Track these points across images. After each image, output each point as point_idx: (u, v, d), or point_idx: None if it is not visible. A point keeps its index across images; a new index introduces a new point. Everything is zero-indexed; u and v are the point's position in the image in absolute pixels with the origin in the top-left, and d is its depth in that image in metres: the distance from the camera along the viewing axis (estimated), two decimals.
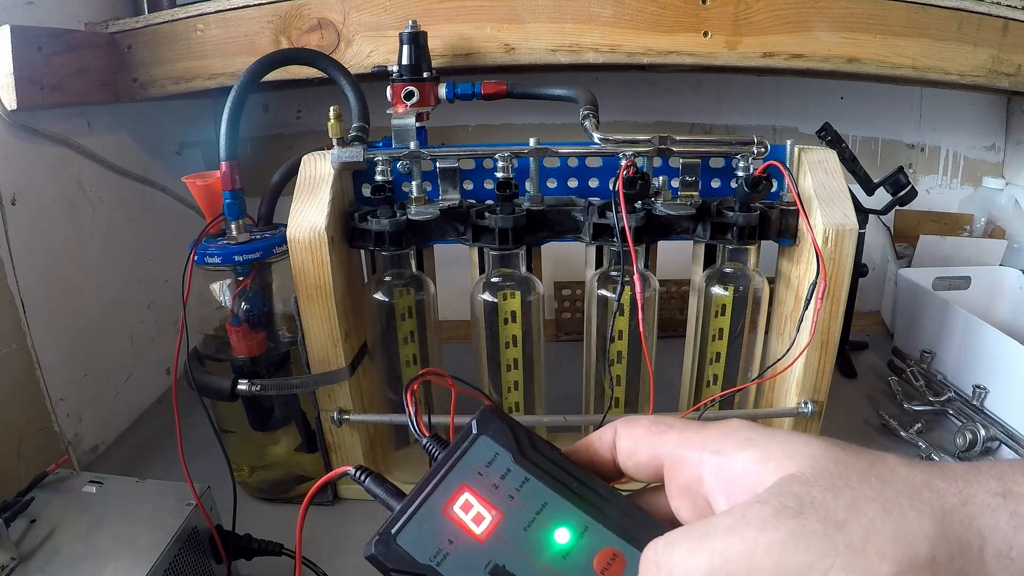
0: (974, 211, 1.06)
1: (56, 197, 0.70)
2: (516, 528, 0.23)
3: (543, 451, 0.25)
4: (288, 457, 0.67)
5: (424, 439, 0.27)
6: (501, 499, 0.24)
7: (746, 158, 0.56)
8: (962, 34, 0.72)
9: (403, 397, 0.28)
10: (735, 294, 0.61)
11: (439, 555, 0.23)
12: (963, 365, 0.77)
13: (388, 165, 0.57)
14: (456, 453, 0.25)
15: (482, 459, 0.25)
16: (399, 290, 0.62)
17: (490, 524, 0.23)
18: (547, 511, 0.24)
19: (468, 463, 0.25)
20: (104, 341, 0.77)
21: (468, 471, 0.24)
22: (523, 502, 0.24)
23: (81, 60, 0.70)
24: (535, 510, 0.24)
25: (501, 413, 0.26)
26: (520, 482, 0.24)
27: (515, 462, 0.25)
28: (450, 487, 0.24)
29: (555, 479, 0.24)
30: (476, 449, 0.25)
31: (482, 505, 0.24)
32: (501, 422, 0.25)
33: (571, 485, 0.24)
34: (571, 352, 0.75)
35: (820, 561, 0.18)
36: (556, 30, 0.70)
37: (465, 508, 0.24)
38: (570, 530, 0.23)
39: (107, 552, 0.44)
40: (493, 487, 0.24)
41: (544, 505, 0.24)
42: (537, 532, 0.23)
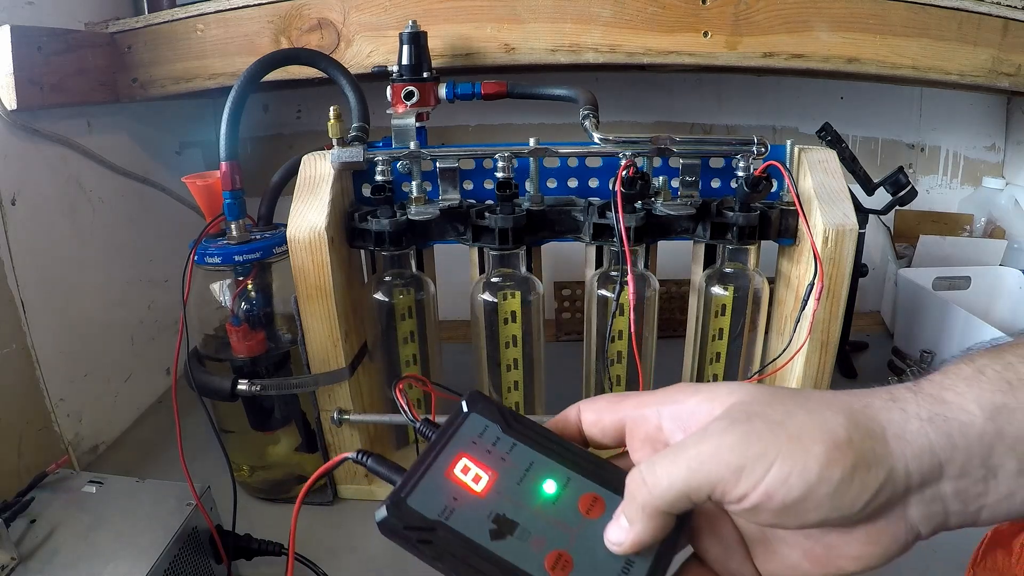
0: (974, 211, 1.06)
1: (56, 197, 0.70)
2: (510, 483, 0.27)
3: (525, 423, 0.29)
4: (288, 457, 0.67)
5: (417, 423, 0.31)
6: (495, 461, 0.28)
7: (746, 158, 0.56)
8: (962, 34, 0.72)
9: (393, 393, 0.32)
10: (735, 294, 0.61)
11: (446, 511, 0.26)
12: None
13: (388, 165, 0.57)
14: (451, 429, 0.29)
15: (474, 431, 0.29)
16: (399, 290, 0.62)
17: (488, 482, 0.27)
18: (535, 468, 0.28)
19: (463, 435, 0.28)
20: (104, 341, 0.77)
21: (464, 441, 0.28)
22: (513, 462, 0.28)
23: (81, 60, 0.70)
24: (524, 468, 0.28)
25: (485, 396, 0.30)
26: (509, 447, 0.28)
27: (503, 432, 0.29)
28: (449, 455, 0.28)
29: (538, 443, 0.29)
30: (468, 424, 0.29)
31: (479, 467, 0.27)
32: (488, 402, 0.30)
33: (552, 447, 0.29)
34: (571, 352, 0.75)
35: (770, 448, 0.23)
36: (556, 30, 0.70)
37: (464, 471, 0.27)
38: (555, 481, 0.27)
39: (107, 552, 0.44)
40: (487, 452, 0.28)
41: (532, 464, 0.28)
42: (528, 485, 0.27)
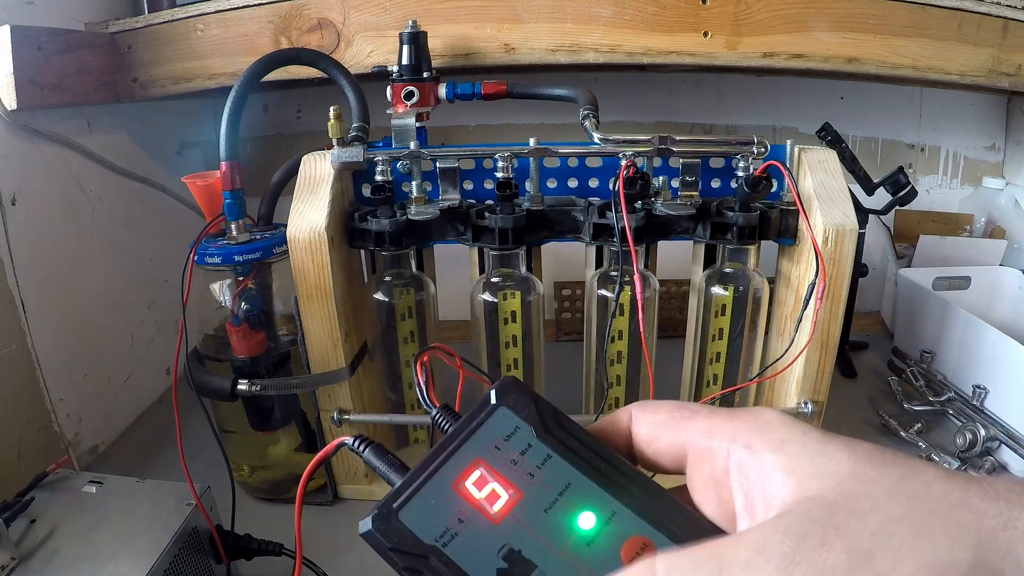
0: (974, 211, 1.05)
1: (56, 197, 0.70)
2: (536, 509, 0.21)
3: (568, 428, 0.23)
4: (288, 457, 0.67)
5: (434, 409, 0.25)
6: (520, 477, 0.21)
7: (746, 158, 0.56)
8: (962, 34, 0.72)
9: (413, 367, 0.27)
10: (735, 294, 0.61)
11: (447, 535, 0.21)
12: (963, 365, 0.77)
13: (388, 165, 0.57)
14: (471, 424, 0.23)
15: (500, 432, 0.22)
16: (399, 290, 0.62)
17: (506, 503, 0.21)
18: (571, 492, 0.21)
19: (484, 436, 0.22)
20: (104, 341, 0.77)
21: (484, 444, 0.22)
22: (545, 481, 0.21)
23: (81, 60, 0.70)
24: (558, 491, 0.21)
25: (523, 384, 0.24)
26: (542, 459, 0.22)
27: (537, 437, 0.22)
28: (463, 461, 0.22)
29: (581, 458, 0.22)
30: (494, 421, 0.23)
31: (498, 482, 0.21)
32: (523, 394, 0.23)
33: (598, 466, 0.22)
34: (571, 352, 0.75)
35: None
36: (556, 30, 0.70)
37: (479, 484, 0.21)
38: (596, 514, 0.21)
39: (107, 552, 0.44)
40: (511, 463, 0.22)
41: (568, 486, 0.21)
42: (559, 515, 0.21)
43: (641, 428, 0.23)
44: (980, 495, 0.17)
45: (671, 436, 0.22)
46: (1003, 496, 0.17)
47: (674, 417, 0.23)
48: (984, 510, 0.17)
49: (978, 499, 0.17)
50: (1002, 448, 0.68)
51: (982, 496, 0.17)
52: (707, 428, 0.22)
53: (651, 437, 0.23)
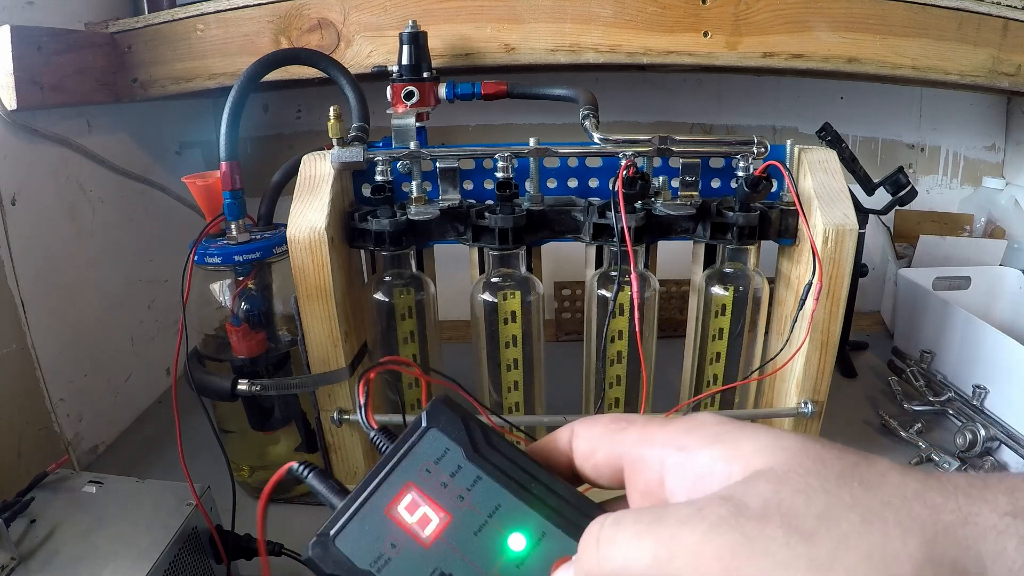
0: (974, 211, 1.06)
1: (56, 197, 0.70)
2: (466, 532, 0.21)
3: (499, 447, 0.23)
4: (288, 457, 0.67)
5: (372, 432, 0.25)
6: (450, 499, 0.22)
7: (746, 158, 0.56)
8: (962, 34, 0.72)
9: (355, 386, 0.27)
10: (735, 294, 0.61)
11: (380, 560, 0.21)
12: (963, 365, 0.77)
13: (388, 165, 0.57)
14: (403, 448, 0.23)
15: (431, 455, 0.22)
16: (399, 290, 0.62)
17: (437, 527, 0.21)
18: (501, 514, 0.21)
19: (415, 459, 0.22)
20: (104, 341, 0.77)
21: (415, 468, 0.22)
22: (474, 503, 0.22)
23: (81, 60, 0.70)
24: (487, 512, 0.21)
25: (454, 404, 0.24)
26: (471, 481, 0.22)
27: (466, 458, 0.22)
28: (395, 485, 0.22)
29: (511, 478, 0.22)
30: (425, 443, 0.23)
31: (429, 506, 0.22)
32: (453, 414, 0.23)
33: (529, 486, 0.22)
34: (571, 352, 0.75)
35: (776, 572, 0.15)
36: (556, 30, 0.70)
37: (410, 508, 0.22)
38: (526, 536, 0.21)
39: (107, 552, 0.44)
40: (441, 486, 0.22)
41: (497, 507, 0.21)
42: (489, 537, 0.21)
43: (579, 443, 0.23)
44: (938, 489, 0.16)
45: (607, 448, 0.22)
46: (962, 491, 0.16)
47: (610, 429, 0.22)
48: (942, 504, 0.16)
49: (936, 493, 0.16)
50: (1002, 448, 0.68)
51: (940, 491, 0.16)
52: (640, 437, 0.21)
53: (589, 451, 0.22)
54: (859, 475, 0.17)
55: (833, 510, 0.16)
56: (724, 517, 0.16)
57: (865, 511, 0.16)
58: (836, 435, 0.78)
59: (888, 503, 0.16)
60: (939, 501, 0.16)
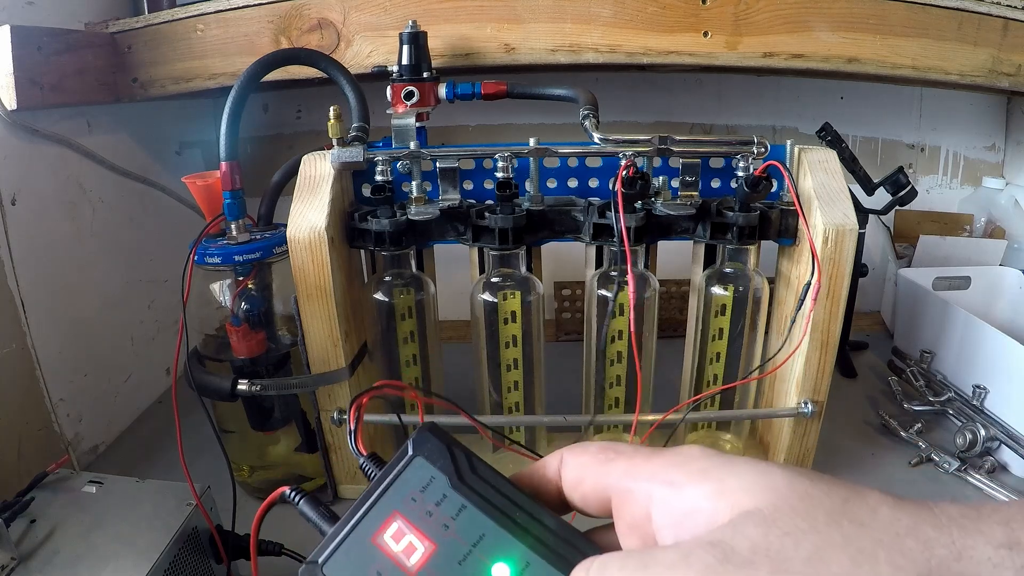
0: (974, 211, 1.06)
1: (56, 197, 0.70)
2: (450, 562, 0.21)
3: (484, 476, 0.23)
4: (288, 457, 0.67)
5: (361, 458, 0.26)
6: (435, 528, 0.22)
7: (746, 158, 0.56)
8: (962, 34, 0.72)
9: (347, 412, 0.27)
10: (735, 294, 0.61)
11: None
12: (963, 365, 0.77)
13: (388, 165, 0.57)
14: (390, 476, 0.23)
15: (417, 483, 0.23)
16: (399, 290, 0.62)
17: (422, 556, 0.21)
18: (485, 543, 0.21)
19: (402, 487, 0.23)
20: (104, 341, 0.77)
21: (401, 496, 0.22)
22: (459, 532, 0.22)
23: (81, 60, 0.70)
24: (472, 542, 0.21)
25: (440, 432, 0.24)
26: (456, 510, 0.22)
27: (452, 487, 0.22)
28: (381, 514, 0.22)
29: (495, 507, 0.22)
30: (411, 472, 0.23)
31: (414, 534, 0.22)
32: (439, 441, 0.23)
33: (514, 515, 0.22)
34: (571, 352, 0.75)
35: None
36: (556, 30, 0.70)
37: (396, 537, 0.22)
38: (510, 566, 0.21)
39: (107, 552, 0.44)
40: (427, 515, 0.22)
41: (482, 537, 0.21)
42: (473, 567, 0.21)
43: (567, 471, 0.23)
44: (931, 523, 0.16)
45: (594, 478, 0.22)
46: (956, 523, 0.16)
47: (598, 459, 0.22)
48: (935, 539, 0.16)
49: (928, 527, 0.16)
50: (1002, 448, 0.68)
51: (933, 524, 0.16)
52: (627, 469, 0.21)
53: (577, 480, 0.22)
54: (849, 512, 0.16)
55: (822, 552, 0.16)
56: (711, 565, 0.16)
57: (856, 552, 0.15)
58: (836, 435, 0.78)
59: (879, 541, 0.16)
60: (932, 535, 0.16)
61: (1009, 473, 0.68)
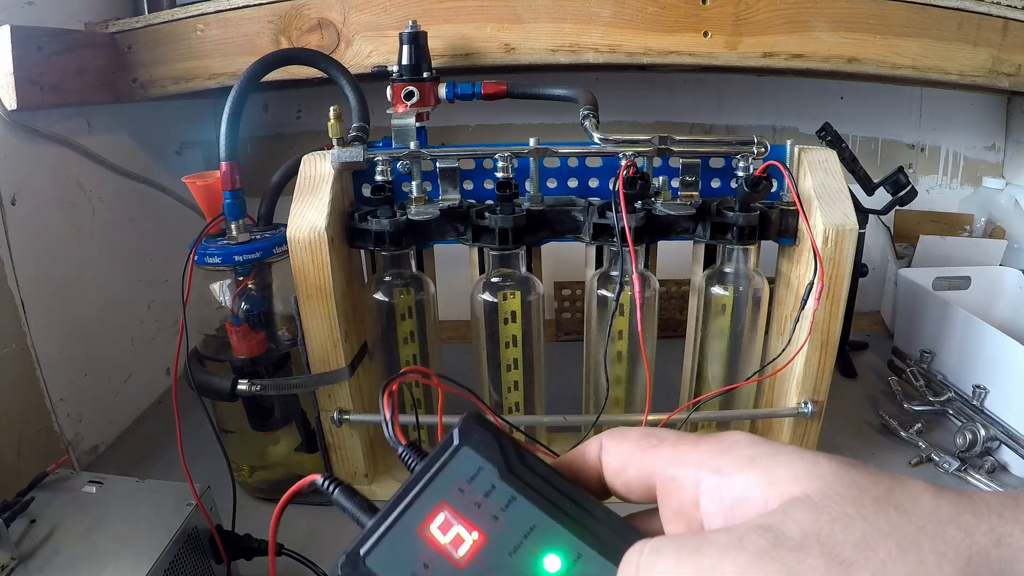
0: (974, 211, 1.06)
1: (56, 197, 0.70)
2: (500, 553, 0.21)
3: (533, 466, 0.22)
4: (288, 457, 0.67)
5: (400, 447, 0.25)
6: (484, 519, 0.21)
7: (746, 158, 0.56)
8: (962, 34, 0.72)
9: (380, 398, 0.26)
10: (735, 294, 0.61)
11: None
12: (963, 365, 0.77)
13: (388, 165, 0.57)
14: (435, 466, 0.22)
15: (464, 473, 0.22)
16: (399, 290, 0.62)
17: (471, 547, 0.21)
18: (536, 535, 0.21)
19: (448, 478, 0.22)
20: (104, 341, 0.77)
21: (448, 487, 0.22)
22: (509, 524, 0.21)
23: (81, 60, 0.70)
24: (522, 533, 0.21)
25: (486, 421, 0.23)
26: (506, 501, 0.22)
27: (500, 478, 0.22)
28: (427, 504, 0.22)
29: (546, 498, 0.22)
30: (457, 462, 0.22)
31: (462, 525, 0.21)
32: (486, 432, 0.23)
33: (564, 506, 0.21)
34: (571, 352, 0.75)
35: None
36: (556, 30, 0.70)
37: (443, 528, 0.21)
38: (561, 557, 0.21)
39: (107, 552, 0.44)
40: (475, 505, 0.22)
41: (532, 528, 0.21)
42: (524, 558, 0.21)
43: (609, 458, 0.23)
44: (971, 511, 0.17)
45: (639, 466, 0.22)
46: (995, 511, 0.16)
47: (641, 446, 0.22)
48: (975, 526, 0.16)
49: (969, 515, 0.16)
50: (1002, 448, 0.68)
51: (973, 512, 0.17)
52: (673, 457, 0.21)
53: (619, 467, 0.22)
54: (894, 500, 0.17)
55: (870, 538, 0.16)
56: (764, 548, 0.17)
57: (901, 538, 0.16)
58: (836, 435, 0.77)
59: (923, 528, 0.16)
60: (972, 523, 0.16)
61: (1009, 473, 0.68)
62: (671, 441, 0.22)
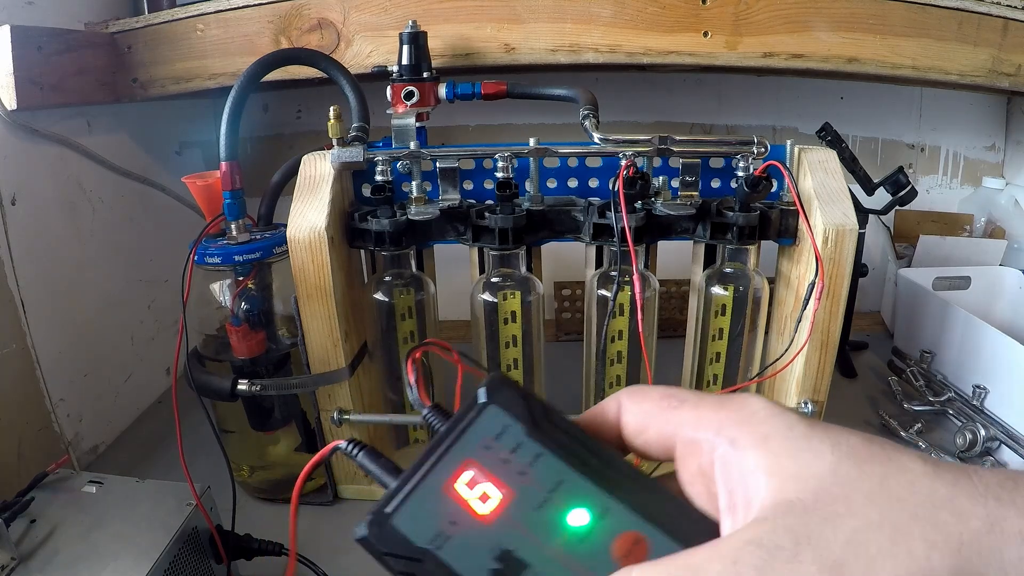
0: (974, 211, 1.06)
1: (56, 197, 0.70)
2: (528, 508, 0.21)
3: (559, 424, 0.22)
4: (288, 457, 0.67)
5: (425, 409, 0.25)
6: (511, 476, 0.21)
7: (746, 158, 0.56)
8: (962, 34, 0.72)
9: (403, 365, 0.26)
10: (735, 294, 0.61)
11: (440, 538, 0.20)
12: (963, 365, 0.77)
13: (388, 165, 0.57)
14: (461, 424, 0.22)
15: (490, 431, 0.22)
16: (399, 290, 0.62)
17: (498, 503, 0.21)
18: (563, 490, 0.21)
19: (474, 435, 0.22)
20: (104, 341, 0.77)
21: (474, 444, 0.22)
22: (535, 479, 0.21)
23: (81, 60, 0.70)
24: (549, 488, 0.21)
25: (512, 381, 0.23)
26: (532, 457, 0.21)
27: (527, 435, 0.22)
28: (453, 462, 0.21)
29: (572, 454, 0.22)
30: (483, 420, 0.22)
31: (489, 482, 0.21)
32: (512, 390, 0.23)
33: (590, 462, 0.21)
34: (571, 352, 0.75)
35: None
36: (556, 30, 0.70)
37: (471, 485, 0.21)
38: (588, 511, 0.21)
39: (107, 552, 0.44)
40: (502, 462, 0.21)
41: (560, 483, 0.21)
42: (551, 513, 0.21)
43: (629, 417, 0.23)
44: (968, 493, 0.17)
45: (659, 426, 0.22)
46: (992, 493, 0.16)
47: (661, 406, 0.22)
48: (969, 511, 0.16)
49: (964, 498, 0.16)
50: (1002, 448, 0.68)
51: (970, 494, 0.16)
52: (694, 419, 0.21)
53: (639, 427, 0.22)
54: (887, 490, 0.17)
55: (860, 535, 0.16)
56: (759, 567, 0.16)
57: (893, 529, 0.16)
58: None
59: (915, 515, 0.16)
60: (967, 507, 0.16)
61: None
62: (692, 403, 0.21)
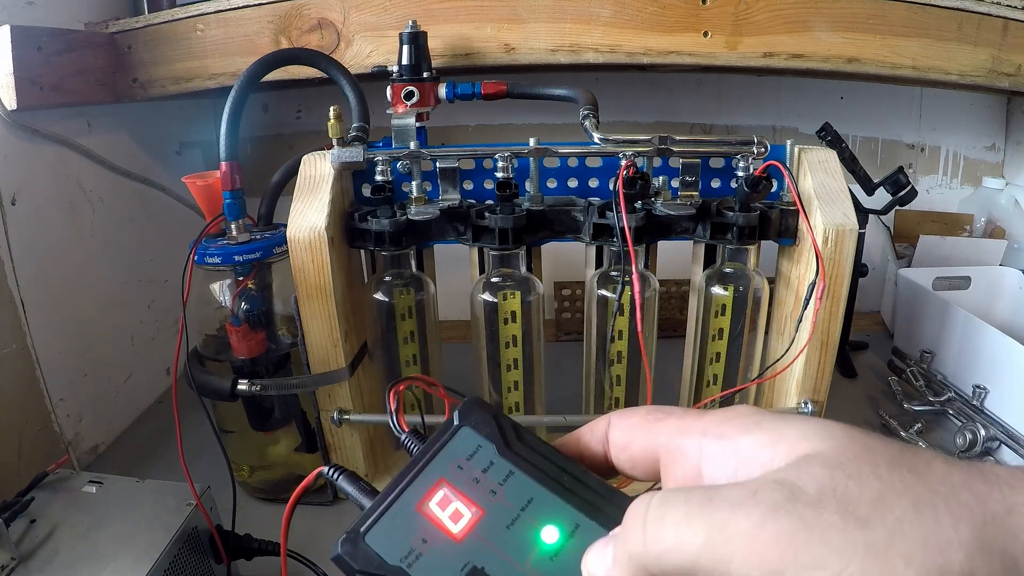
0: (974, 211, 1.06)
1: (56, 197, 0.70)
2: (498, 526, 0.21)
3: (530, 443, 0.23)
4: (288, 457, 0.67)
5: (403, 434, 0.26)
6: (482, 494, 0.22)
7: (746, 158, 0.56)
8: (962, 34, 0.72)
9: (386, 396, 0.28)
10: (735, 294, 0.61)
11: (411, 555, 0.21)
12: (963, 365, 0.77)
13: (388, 165, 0.57)
14: (435, 446, 0.23)
15: (463, 451, 0.23)
16: (399, 290, 0.62)
17: (469, 522, 0.21)
18: (533, 507, 0.21)
19: (447, 456, 0.23)
20: (104, 341, 0.77)
21: (447, 464, 0.22)
22: (506, 497, 0.22)
23: (81, 60, 0.70)
24: (520, 506, 0.21)
25: (485, 404, 0.24)
26: (504, 476, 0.22)
27: (499, 454, 0.22)
28: (426, 482, 0.22)
29: (543, 472, 0.22)
30: (457, 441, 0.23)
31: (461, 501, 0.22)
32: (484, 412, 0.23)
33: (561, 479, 0.22)
34: (571, 352, 0.75)
35: (834, 559, 0.15)
36: (556, 30, 0.70)
37: (442, 504, 0.22)
38: (559, 528, 0.21)
39: (107, 552, 0.44)
40: (474, 481, 0.22)
41: (530, 501, 0.21)
42: (522, 530, 0.21)
43: (616, 435, 0.23)
44: (982, 479, 0.16)
45: (643, 439, 0.22)
46: (1005, 481, 0.16)
47: (647, 419, 0.22)
48: (987, 494, 0.16)
49: (980, 483, 0.16)
50: (1002, 448, 0.68)
51: (983, 481, 0.16)
52: (678, 427, 0.21)
53: (625, 442, 0.22)
54: (907, 462, 0.17)
55: (886, 497, 0.16)
56: (780, 502, 0.16)
57: (916, 498, 0.16)
58: None
59: (936, 491, 0.16)
60: (984, 490, 0.16)
61: None
62: (677, 415, 0.22)
